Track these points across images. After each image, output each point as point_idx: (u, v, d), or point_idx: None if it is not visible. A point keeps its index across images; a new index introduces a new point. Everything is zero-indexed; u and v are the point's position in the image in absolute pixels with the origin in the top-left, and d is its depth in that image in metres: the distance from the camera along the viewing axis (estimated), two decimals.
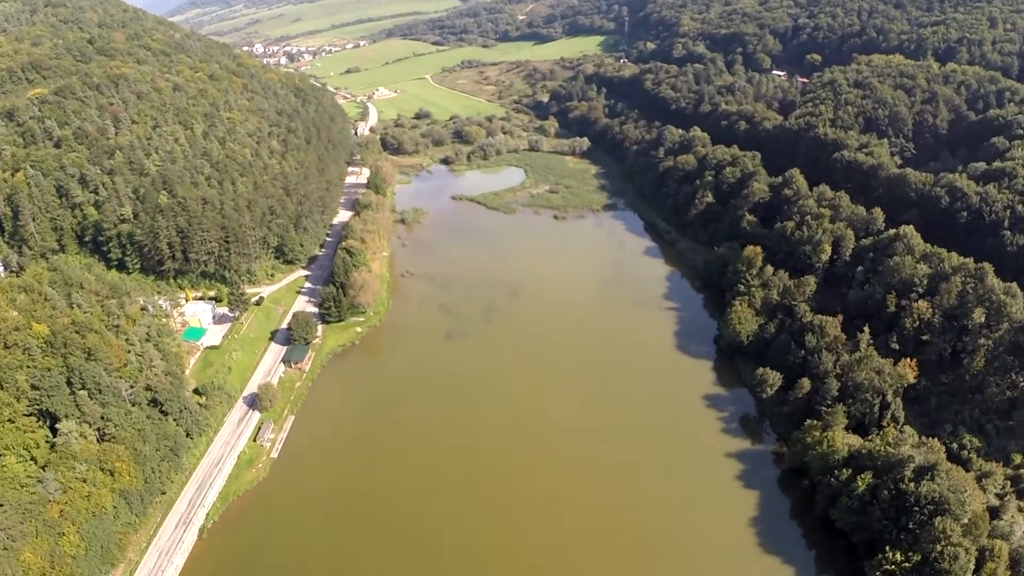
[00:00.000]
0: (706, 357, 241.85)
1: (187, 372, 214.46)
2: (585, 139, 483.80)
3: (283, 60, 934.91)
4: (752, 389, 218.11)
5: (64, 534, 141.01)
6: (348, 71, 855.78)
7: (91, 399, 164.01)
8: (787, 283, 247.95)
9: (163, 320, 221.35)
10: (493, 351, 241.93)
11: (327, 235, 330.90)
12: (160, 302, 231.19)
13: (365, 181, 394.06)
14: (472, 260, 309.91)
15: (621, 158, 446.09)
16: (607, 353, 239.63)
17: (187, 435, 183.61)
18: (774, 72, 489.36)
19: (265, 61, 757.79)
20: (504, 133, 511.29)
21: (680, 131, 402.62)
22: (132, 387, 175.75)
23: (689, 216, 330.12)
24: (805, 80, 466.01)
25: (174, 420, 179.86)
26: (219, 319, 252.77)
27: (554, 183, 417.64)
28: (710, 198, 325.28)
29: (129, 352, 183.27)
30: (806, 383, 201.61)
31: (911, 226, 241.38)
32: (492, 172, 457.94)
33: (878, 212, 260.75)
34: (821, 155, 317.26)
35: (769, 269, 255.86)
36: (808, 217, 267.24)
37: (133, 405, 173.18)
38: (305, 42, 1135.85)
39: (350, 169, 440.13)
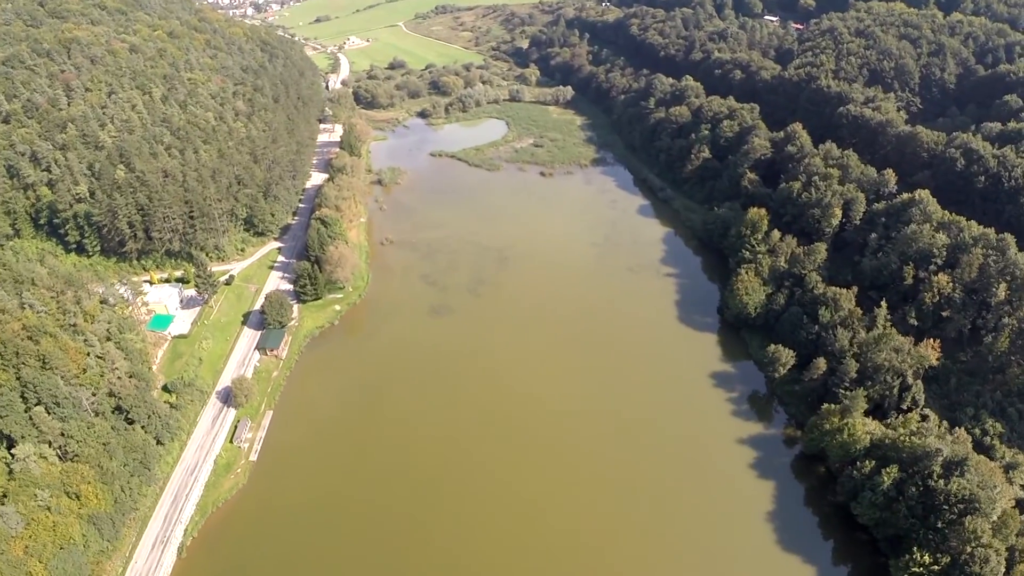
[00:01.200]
0: (709, 329, 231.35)
1: (155, 367, 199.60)
2: (569, 88, 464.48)
3: (250, 11, 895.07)
4: (762, 366, 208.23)
5: (31, 574, 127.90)
6: (318, 20, 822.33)
7: (49, 414, 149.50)
8: (795, 250, 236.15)
9: (125, 312, 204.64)
10: (483, 328, 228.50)
11: (299, 201, 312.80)
12: (121, 291, 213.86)
13: (338, 139, 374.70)
14: (456, 224, 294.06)
15: (608, 108, 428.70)
16: (604, 326, 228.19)
17: (157, 442, 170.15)
18: (766, 17, 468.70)
19: (231, 13, 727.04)
20: (483, 83, 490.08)
21: (671, 80, 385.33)
22: (94, 395, 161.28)
23: (684, 172, 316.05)
24: (800, 26, 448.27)
25: (142, 427, 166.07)
26: (187, 303, 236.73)
27: (538, 136, 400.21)
28: (707, 153, 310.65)
29: (88, 355, 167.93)
30: (822, 363, 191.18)
31: (927, 191, 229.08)
32: (472, 125, 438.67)
33: (890, 174, 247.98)
34: (824, 109, 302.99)
35: (776, 234, 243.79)
36: (816, 178, 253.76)
37: (96, 416, 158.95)
38: None
39: (322, 126, 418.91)
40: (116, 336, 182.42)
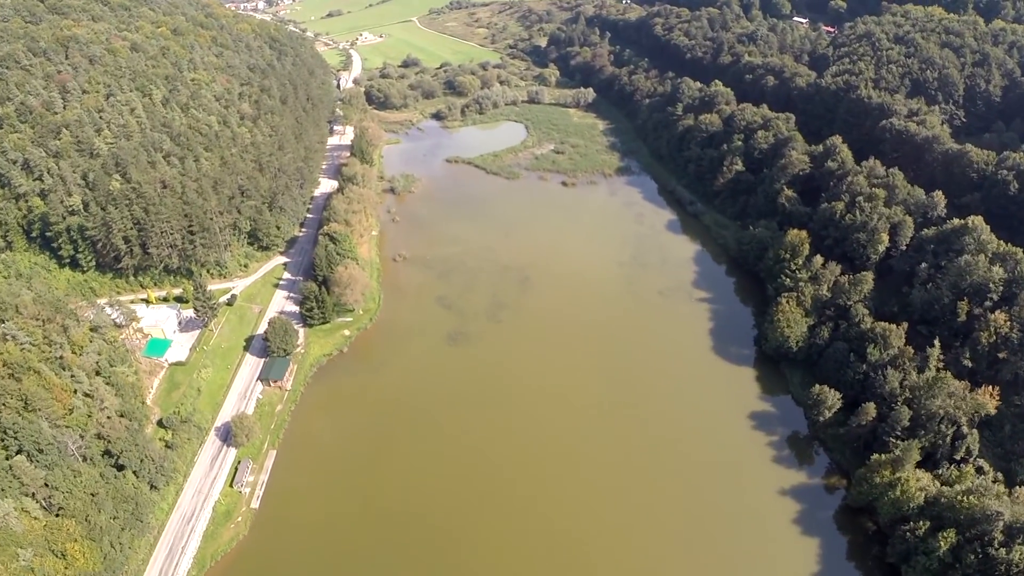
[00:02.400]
0: (746, 362, 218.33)
1: (149, 399, 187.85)
2: (590, 90, 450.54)
3: (261, 5, 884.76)
4: (805, 407, 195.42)
5: None
6: (330, 15, 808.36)
7: (31, 462, 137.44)
8: (840, 278, 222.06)
9: (117, 339, 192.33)
10: (503, 359, 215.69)
11: (307, 211, 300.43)
12: (113, 316, 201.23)
13: (349, 143, 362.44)
14: (473, 239, 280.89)
15: (631, 112, 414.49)
16: (635, 358, 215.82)
17: (151, 486, 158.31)
18: (795, 19, 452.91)
19: (241, 7, 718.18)
20: (500, 83, 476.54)
21: (698, 85, 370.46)
22: (81, 438, 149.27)
23: (715, 185, 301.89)
24: (831, 29, 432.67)
25: (134, 472, 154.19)
26: (186, 325, 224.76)
27: (559, 141, 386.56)
28: (739, 166, 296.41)
29: (75, 393, 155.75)
30: (871, 409, 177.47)
31: (979, 217, 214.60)
32: (489, 128, 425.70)
33: (939, 196, 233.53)
34: (864, 121, 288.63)
35: (818, 260, 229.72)
36: (860, 198, 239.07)
37: (84, 461, 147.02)
38: None
39: (333, 128, 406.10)
40: (106, 370, 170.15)
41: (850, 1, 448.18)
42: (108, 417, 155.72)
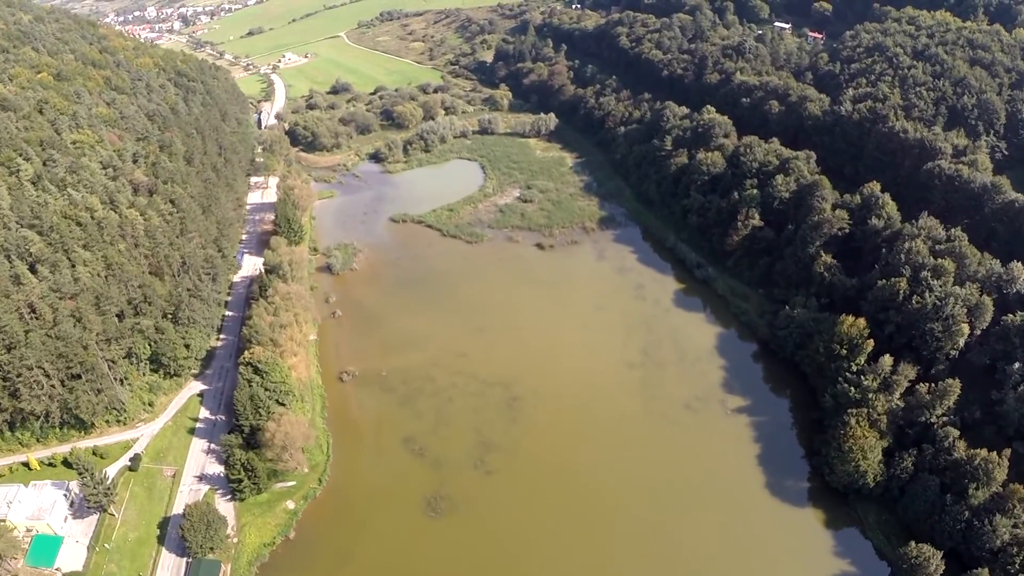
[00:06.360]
0: (804, 499, 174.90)
1: None
2: (551, 115, 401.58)
3: (177, 25, 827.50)
4: (896, 568, 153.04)
5: None
6: (250, 33, 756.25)
7: None
8: (918, 387, 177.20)
9: None
10: (505, 534, 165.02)
11: (226, 307, 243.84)
12: None
13: (273, 200, 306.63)
14: (437, 338, 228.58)
15: (604, 142, 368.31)
16: (670, 514, 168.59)
17: None
18: (776, 24, 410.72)
19: (155, 28, 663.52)
20: (446, 110, 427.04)
21: (684, 110, 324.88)
22: None
23: (727, 243, 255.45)
24: (817, 35, 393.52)
25: None
26: (79, 507, 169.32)
27: (524, 184, 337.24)
28: (756, 220, 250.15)
29: None
30: None
31: None
32: (438, 168, 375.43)
33: (1019, 268, 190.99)
34: (902, 161, 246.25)
35: (886, 361, 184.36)
36: (926, 273, 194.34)
37: None
38: (202, 0, 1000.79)
39: (253, 180, 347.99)
40: None
41: (836, 4, 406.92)
42: None
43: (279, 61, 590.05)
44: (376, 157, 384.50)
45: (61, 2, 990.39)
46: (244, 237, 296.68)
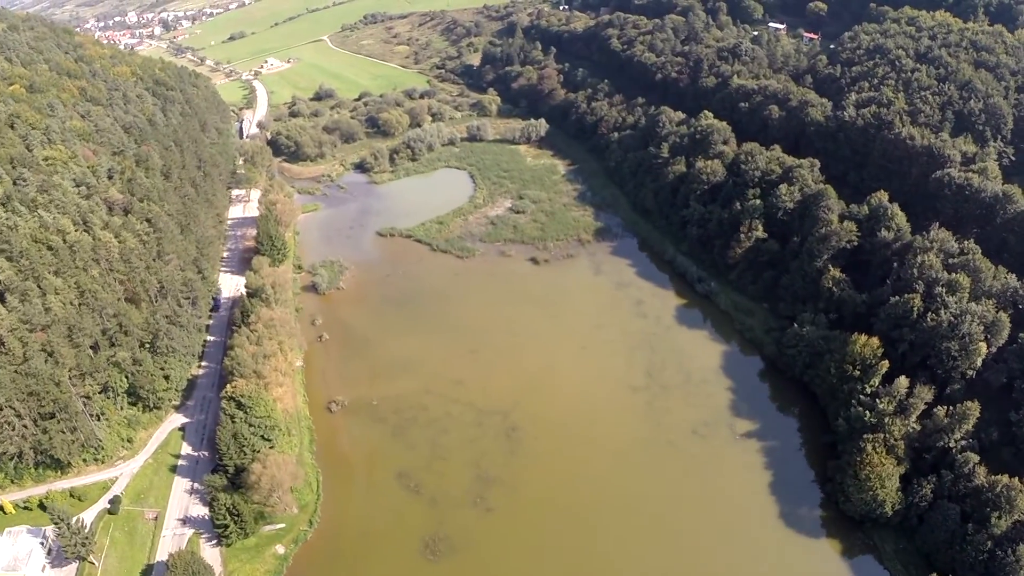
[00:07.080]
0: (819, 528, 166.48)
1: None
2: (542, 121, 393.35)
3: (158, 30, 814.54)
4: None
5: None
6: (232, 38, 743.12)
7: None
8: (937, 411, 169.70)
9: None
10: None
11: (207, 331, 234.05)
12: None
13: (255, 215, 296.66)
14: (430, 363, 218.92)
15: (597, 148, 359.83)
16: (677, 545, 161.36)
17: None
18: (771, 24, 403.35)
19: (136, 34, 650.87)
20: (433, 116, 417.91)
21: (680, 115, 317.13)
22: None
23: (729, 256, 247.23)
24: (812, 35, 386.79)
25: None
26: (57, 557, 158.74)
27: (515, 195, 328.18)
28: (759, 231, 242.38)
29: None
30: None
31: None
32: (426, 178, 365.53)
33: None
34: (908, 169, 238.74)
35: (902, 382, 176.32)
36: (941, 289, 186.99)
37: None
38: (184, 5, 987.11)
39: (234, 194, 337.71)
40: None
41: (832, 4, 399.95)
42: None
43: (261, 67, 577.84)
44: (361, 167, 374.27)
45: (41, 8, 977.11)
46: (225, 255, 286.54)
